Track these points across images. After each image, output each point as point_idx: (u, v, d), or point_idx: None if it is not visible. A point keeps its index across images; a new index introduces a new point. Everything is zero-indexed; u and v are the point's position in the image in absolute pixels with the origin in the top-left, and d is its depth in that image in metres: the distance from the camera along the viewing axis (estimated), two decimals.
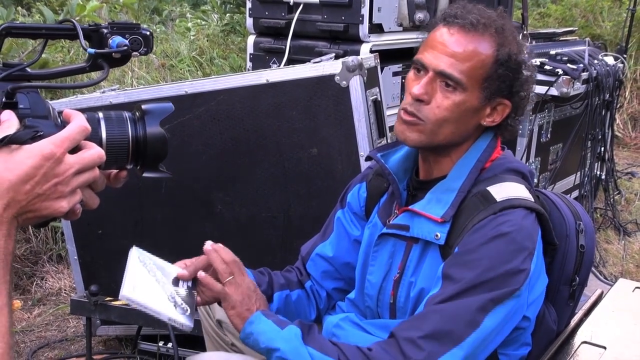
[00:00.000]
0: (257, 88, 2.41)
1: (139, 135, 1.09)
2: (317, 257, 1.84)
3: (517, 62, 1.54)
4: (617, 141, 6.71)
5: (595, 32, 7.63)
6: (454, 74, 1.50)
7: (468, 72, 1.50)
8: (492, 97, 1.54)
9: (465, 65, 1.50)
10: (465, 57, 1.50)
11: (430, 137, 1.55)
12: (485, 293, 1.43)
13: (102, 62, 1.09)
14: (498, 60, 1.51)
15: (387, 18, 3.41)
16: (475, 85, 1.51)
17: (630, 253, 4.29)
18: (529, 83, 1.59)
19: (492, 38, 1.52)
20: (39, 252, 3.82)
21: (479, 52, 1.51)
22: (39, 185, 0.93)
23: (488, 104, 1.55)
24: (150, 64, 5.96)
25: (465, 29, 1.51)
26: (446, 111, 1.52)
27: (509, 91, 1.55)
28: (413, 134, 1.55)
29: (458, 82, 1.50)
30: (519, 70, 1.55)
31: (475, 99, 1.53)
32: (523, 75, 1.56)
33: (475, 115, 1.56)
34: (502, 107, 1.57)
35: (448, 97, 1.52)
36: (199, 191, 2.57)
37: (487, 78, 1.52)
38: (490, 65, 1.51)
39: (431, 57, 1.53)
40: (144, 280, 1.48)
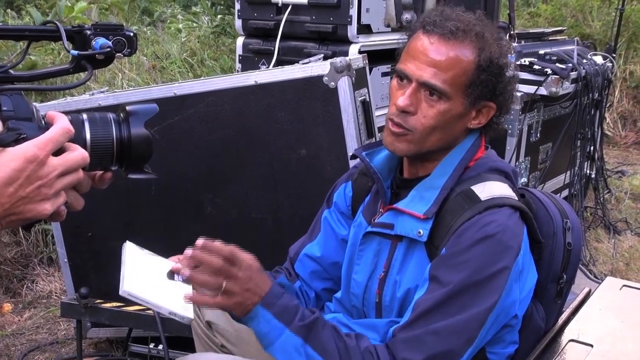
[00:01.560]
0: (246, 89, 2.42)
1: (124, 137, 1.09)
2: (305, 258, 1.84)
3: (498, 65, 1.54)
4: (607, 140, 6.74)
5: (585, 32, 7.67)
6: (437, 84, 1.51)
7: (451, 81, 1.51)
8: (476, 102, 1.55)
9: (447, 74, 1.51)
10: (447, 65, 1.51)
11: (419, 146, 1.56)
12: (476, 300, 1.44)
13: (86, 63, 1.09)
14: (480, 65, 1.52)
15: (376, 19, 3.41)
16: (459, 93, 1.52)
17: (620, 251, 4.31)
18: (513, 83, 1.60)
19: (472, 44, 1.52)
20: (29, 255, 3.80)
21: (461, 59, 1.51)
22: (23, 188, 0.93)
23: (473, 108, 1.56)
24: (141, 66, 5.95)
25: (445, 37, 1.51)
26: (432, 120, 1.53)
27: (492, 94, 1.56)
28: (402, 144, 1.57)
29: (442, 92, 1.51)
30: (501, 73, 1.55)
31: (460, 105, 1.54)
32: (506, 77, 1.57)
33: (461, 120, 1.57)
34: (487, 109, 1.58)
35: (433, 106, 1.53)
36: (189, 192, 2.57)
37: (470, 84, 1.53)
38: (472, 71, 1.52)
39: (414, 68, 1.53)
40: (142, 275, 1.47)
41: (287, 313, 1.46)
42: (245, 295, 1.45)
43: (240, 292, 1.45)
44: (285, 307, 1.47)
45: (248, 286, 1.45)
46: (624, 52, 7.38)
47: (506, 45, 1.60)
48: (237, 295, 1.44)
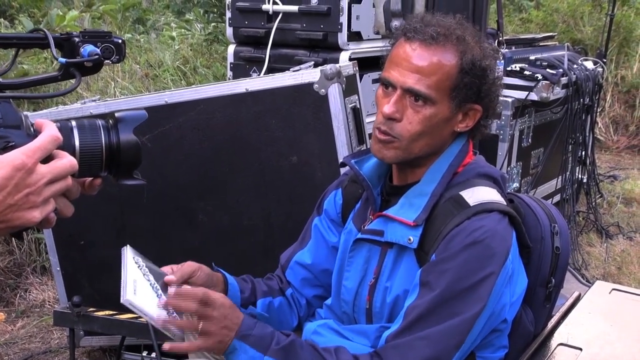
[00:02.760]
0: (237, 97, 2.43)
1: (112, 143, 1.09)
2: (296, 265, 1.85)
3: (481, 68, 1.55)
4: (600, 145, 6.78)
5: (576, 37, 7.71)
6: (421, 90, 1.51)
7: (435, 86, 1.52)
8: (462, 105, 1.56)
9: (431, 79, 1.51)
10: (430, 71, 1.51)
11: (407, 152, 1.57)
12: (466, 305, 1.45)
13: (74, 70, 1.09)
14: (463, 68, 1.53)
15: (366, 26, 3.43)
16: (444, 97, 1.53)
17: (612, 255, 4.33)
18: (497, 85, 1.60)
19: (454, 48, 1.53)
20: (22, 264, 3.80)
21: (443, 64, 1.52)
22: (11, 196, 0.94)
23: (459, 111, 1.57)
24: (134, 74, 5.95)
25: (426, 42, 1.52)
26: (419, 125, 1.54)
27: (477, 96, 1.57)
28: (389, 151, 1.57)
29: (426, 97, 1.52)
30: (484, 74, 1.56)
31: (446, 109, 1.55)
32: (490, 79, 1.57)
33: (448, 124, 1.58)
34: (473, 112, 1.59)
35: (419, 111, 1.53)
36: (181, 200, 2.58)
37: (454, 88, 1.53)
38: (455, 75, 1.53)
39: (397, 75, 1.54)
40: (141, 284, 1.46)
41: (263, 340, 1.47)
42: (223, 332, 1.46)
43: (218, 330, 1.46)
44: (260, 336, 1.48)
45: (224, 324, 1.46)
46: (615, 57, 7.42)
47: (488, 47, 1.61)
48: (215, 335, 1.45)
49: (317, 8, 3.38)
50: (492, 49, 1.62)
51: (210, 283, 1.66)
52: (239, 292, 1.74)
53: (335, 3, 3.33)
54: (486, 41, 1.62)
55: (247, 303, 1.76)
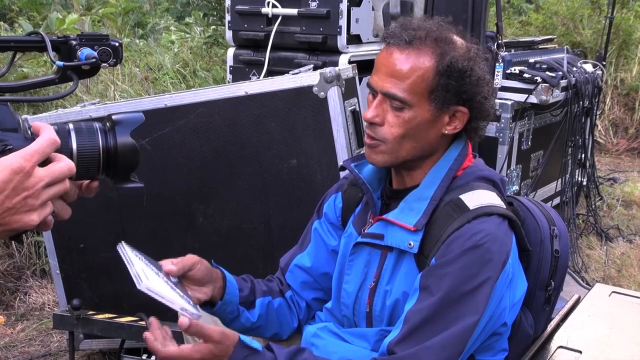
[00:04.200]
0: (236, 100, 2.43)
1: (110, 146, 1.09)
2: (296, 268, 1.84)
3: (459, 69, 1.53)
4: (599, 147, 6.78)
5: (575, 40, 7.72)
6: (397, 94, 1.53)
7: (410, 89, 1.52)
8: (444, 107, 1.55)
9: (405, 83, 1.52)
10: (404, 74, 1.53)
11: (394, 156, 1.58)
12: (466, 310, 1.44)
13: (72, 73, 1.09)
14: (439, 71, 1.52)
15: (365, 29, 3.43)
16: (421, 100, 1.54)
17: (612, 258, 4.33)
18: (481, 85, 1.58)
19: (430, 50, 1.53)
20: (22, 267, 3.80)
21: (417, 67, 1.52)
22: (9, 199, 0.94)
23: (443, 114, 1.57)
24: (134, 78, 5.96)
25: (401, 47, 1.54)
26: (400, 129, 1.55)
27: (459, 98, 1.56)
28: (377, 156, 1.59)
29: (402, 101, 1.53)
30: (463, 76, 1.54)
31: (426, 112, 1.55)
32: (471, 80, 1.55)
33: (433, 127, 1.57)
34: (460, 114, 1.58)
35: (398, 115, 1.55)
36: (180, 203, 2.58)
37: (432, 90, 1.53)
38: (431, 77, 1.53)
39: (377, 80, 1.57)
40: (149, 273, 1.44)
41: None
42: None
43: None
44: None
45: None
46: (614, 59, 7.42)
47: (473, 48, 1.59)
48: None
49: (317, 11, 3.38)
50: (477, 50, 1.61)
51: (209, 278, 1.64)
52: (238, 290, 1.73)
53: (334, 6, 3.34)
54: (470, 42, 1.61)
55: (246, 301, 1.76)
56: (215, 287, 1.66)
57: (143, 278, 1.36)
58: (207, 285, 1.64)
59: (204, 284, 1.63)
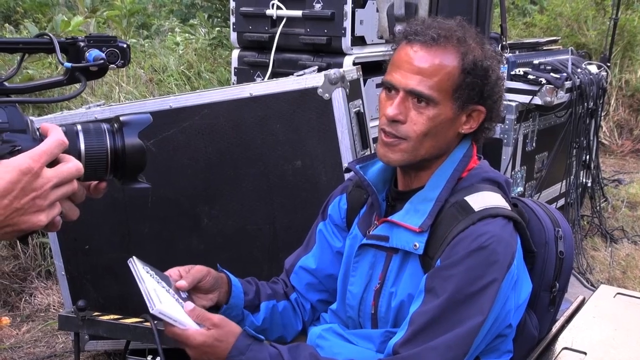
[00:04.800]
0: (241, 102, 2.43)
1: (118, 147, 1.10)
2: (301, 270, 1.85)
3: (483, 68, 1.55)
4: (604, 149, 6.77)
5: (580, 41, 7.70)
6: (423, 91, 1.52)
7: (437, 87, 1.52)
8: (465, 106, 1.56)
9: (433, 80, 1.52)
10: (432, 72, 1.52)
11: (413, 154, 1.57)
12: (471, 311, 1.44)
13: (80, 75, 1.10)
14: (464, 69, 1.53)
15: (369, 30, 3.44)
16: (446, 98, 1.53)
17: (617, 260, 4.32)
18: (499, 85, 1.60)
19: (455, 49, 1.54)
20: (27, 269, 3.81)
21: (445, 64, 1.53)
22: (17, 200, 0.94)
23: (463, 113, 1.58)
24: (138, 79, 5.97)
25: (427, 44, 1.53)
26: (423, 126, 1.54)
27: (480, 97, 1.57)
28: (395, 154, 1.57)
29: (428, 98, 1.52)
30: (486, 75, 1.56)
31: (449, 110, 1.55)
32: (492, 79, 1.57)
33: (452, 125, 1.58)
34: (477, 113, 1.59)
35: (422, 112, 1.54)
36: (185, 205, 2.58)
37: (456, 89, 1.54)
38: (457, 75, 1.53)
39: (399, 77, 1.55)
40: (161, 292, 1.46)
41: None
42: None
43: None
44: None
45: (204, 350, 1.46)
46: (619, 61, 7.41)
47: (490, 49, 1.61)
48: None
49: (321, 13, 3.39)
50: (494, 51, 1.62)
51: (216, 286, 1.68)
52: (243, 293, 1.74)
53: (339, 8, 3.35)
54: (488, 43, 1.62)
55: (251, 305, 1.77)
56: (220, 292, 1.69)
57: (156, 301, 1.38)
58: (214, 292, 1.68)
59: (211, 292, 1.67)
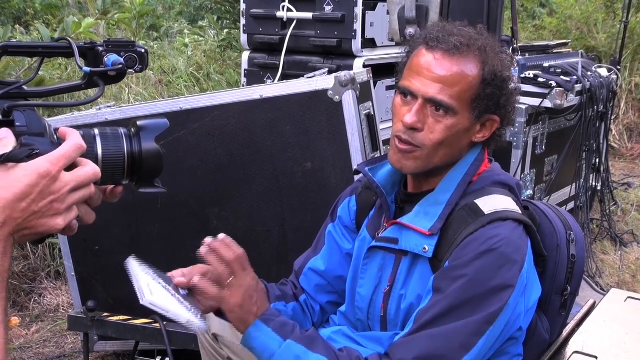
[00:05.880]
0: (251, 103, 2.44)
1: (135, 152, 1.11)
2: (310, 272, 1.85)
3: (502, 79, 1.55)
4: (614, 152, 6.75)
5: (590, 44, 7.68)
6: (444, 100, 1.51)
7: (457, 96, 1.51)
8: (481, 115, 1.56)
9: (454, 89, 1.51)
10: (453, 81, 1.51)
11: (427, 162, 1.56)
12: (476, 311, 1.44)
13: (98, 79, 1.10)
14: (485, 79, 1.52)
15: (380, 33, 3.44)
16: (465, 107, 1.53)
17: (627, 263, 4.31)
18: (515, 95, 1.60)
19: (476, 58, 1.53)
20: (37, 269, 3.82)
21: (466, 74, 1.52)
22: (35, 203, 0.95)
23: (478, 122, 1.57)
24: (148, 81, 5.99)
25: (449, 52, 1.51)
26: (440, 135, 1.53)
27: (497, 107, 1.57)
28: (409, 162, 1.57)
29: (448, 107, 1.51)
30: (504, 86, 1.56)
31: (466, 120, 1.54)
32: (509, 90, 1.57)
33: (467, 134, 1.58)
34: (491, 123, 1.59)
35: (440, 121, 1.53)
36: (195, 206, 2.59)
37: (475, 98, 1.53)
38: (477, 85, 1.52)
39: (419, 84, 1.53)
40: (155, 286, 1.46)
41: (285, 327, 1.49)
42: (246, 302, 1.48)
43: (242, 294, 1.48)
44: (283, 323, 1.49)
45: (250, 293, 1.48)
46: (629, 64, 7.38)
47: (508, 57, 1.61)
48: (238, 298, 1.47)
49: (332, 15, 3.39)
50: (510, 59, 1.62)
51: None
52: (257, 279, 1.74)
53: (349, 10, 3.35)
54: (505, 51, 1.62)
55: None
56: None
57: (146, 293, 1.38)
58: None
59: None
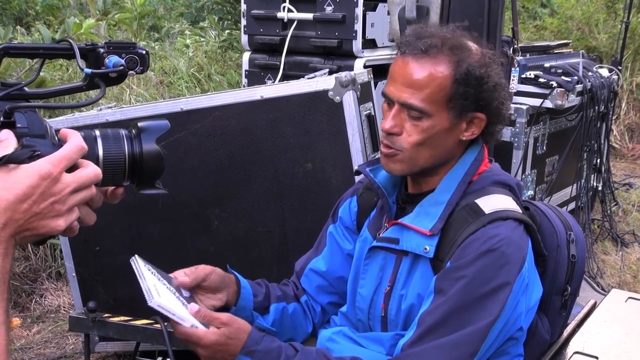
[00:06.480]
0: (252, 104, 2.44)
1: (135, 153, 1.11)
2: (311, 272, 1.85)
3: (476, 76, 1.53)
4: (615, 152, 6.74)
5: (591, 44, 7.68)
6: (415, 104, 1.52)
7: (429, 99, 1.52)
8: (462, 114, 1.55)
9: (424, 92, 1.52)
10: (422, 84, 1.52)
11: (411, 164, 1.58)
12: (480, 314, 1.44)
13: (99, 81, 1.10)
14: (456, 79, 1.52)
15: (380, 33, 3.45)
16: (440, 108, 1.53)
17: (628, 264, 4.31)
18: (498, 91, 1.58)
19: (447, 58, 1.52)
20: (38, 270, 3.83)
21: (435, 76, 1.52)
22: (37, 204, 0.95)
23: (461, 120, 1.57)
24: (149, 81, 5.99)
25: (417, 56, 1.53)
26: (418, 138, 1.54)
27: (477, 105, 1.56)
28: (395, 165, 1.59)
29: (421, 110, 1.52)
30: (480, 83, 1.54)
31: (445, 120, 1.54)
32: (488, 86, 1.55)
33: (451, 134, 1.57)
34: (477, 121, 1.59)
35: (416, 125, 1.54)
36: (195, 207, 2.59)
37: (450, 99, 1.53)
38: (449, 85, 1.52)
39: (394, 90, 1.55)
40: (161, 288, 1.46)
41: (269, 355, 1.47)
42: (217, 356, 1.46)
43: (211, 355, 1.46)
44: (266, 351, 1.47)
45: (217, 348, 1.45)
46: (630, 64, 7.38)
47: (487, 54, 1.59)
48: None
49: (332, 16, 3.39)
50: (492, 55, 1.60)
51: (223, 285, 1.67)
52: (252, 295, 1.74)
53: (350, 11, 3.35)
54: (485, 47, 1.61)
55: (261, 307, 1.77)
56: (229, 292, 1.69)
57: (154, 294, 1.39)
58: (222, 292, 1.67)
59: (218, 291, 1.67)
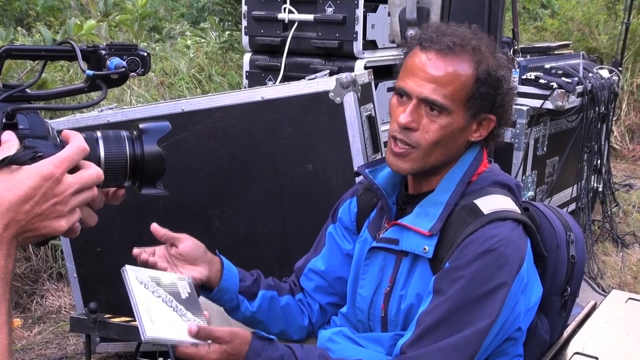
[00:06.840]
0: (253, 105, 2.44)
1: (137, 154, 1.12)
2: (310, 272, 1.85)
3: (496, 78, 1.55)
4: (615, 153, 6.73)
5: (591, 45, 7.67)
6: (437, 100, 1.52)
7: (451, 96, 1.52)
8: (476, 115, 1.57)
9: (447, 89, 1.52)
10: (447, 80, 1.52)
11: (423, 162, 1.57)
12: (479, 314, 1.45)
13: (101, 82, 1.11)
14: (478, 79, 1.53)
15: (381, 34, 3.45)
16: (459, 107, 1.54)
17: (628, 265, 4.30)
18: (511, 94, 1.61)
19: (469, 58, 1.54)
20: (39, 271, 3.83)
21: (459, 73, 1.53)
22: (39, 205, 0.95)
23: (474, 121, 1.58)
24: (149, 82, 5.99)
25: (442, 52, 1.53)
26: (435, 135, 1.54)
27: (492, 106, 1.57)
28: (406, 163, 1.58)
29: (442, 107, 1.52)
30: (499, 85, 1.56)
31: (461, 119, 1.55)
32: (504, 89, 1.58)
33: (463, 134, 1.58)
34: (487, 122, 1.60)
35: (434, 121, 1.54)
36: (196, 208, 2.59)
37: (470, 98, 1.54)
38: (471, 85, 1.53)
39: (413, 84, 1.54)
40: (155, 307, 1.42)
41: None
42: None
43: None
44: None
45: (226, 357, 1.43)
46: (630, 65, 7.37)
47: (503, 57, 1.61)
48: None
49: (333, 17, 3.40)
50: (506, 59, 1.63)
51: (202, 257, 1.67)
52: (238, 279, 1.74)
53: (350, 12, 3.36)
54: (500, 51, 1.63)
55: (248, 292, 1.76)
56: (212, 269, 1.67)
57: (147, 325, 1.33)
58: (201, 264, 1.66)
59: (197, 261, 1.66)
